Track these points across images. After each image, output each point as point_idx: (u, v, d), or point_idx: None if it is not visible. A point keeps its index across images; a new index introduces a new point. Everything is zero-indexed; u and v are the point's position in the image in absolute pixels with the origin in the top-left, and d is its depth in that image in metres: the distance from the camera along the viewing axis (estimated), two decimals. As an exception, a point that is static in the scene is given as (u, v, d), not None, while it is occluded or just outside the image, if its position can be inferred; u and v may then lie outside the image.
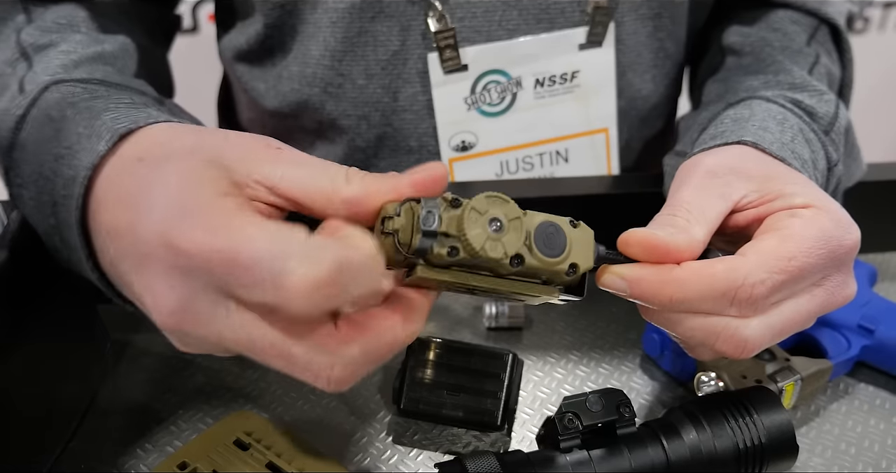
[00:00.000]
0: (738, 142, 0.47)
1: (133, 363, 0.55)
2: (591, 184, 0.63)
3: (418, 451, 0.49)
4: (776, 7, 0.65)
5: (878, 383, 0.56)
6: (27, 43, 0.51)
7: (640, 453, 0.41)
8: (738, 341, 0.39)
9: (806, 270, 0.39)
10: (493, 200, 0.35)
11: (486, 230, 0.34)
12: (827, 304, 0.42)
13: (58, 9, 0.54)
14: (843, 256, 0.41)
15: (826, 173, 0.52)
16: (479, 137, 0.65)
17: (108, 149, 0.38)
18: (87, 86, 0.45)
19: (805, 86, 0.55)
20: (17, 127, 0.44)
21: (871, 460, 0.50)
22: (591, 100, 0.66)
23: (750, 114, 0.51)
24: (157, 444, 0.49)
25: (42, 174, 0.41)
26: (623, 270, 0.39)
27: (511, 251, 0.35)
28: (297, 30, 0.62)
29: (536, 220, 0.36)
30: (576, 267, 0.37)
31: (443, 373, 0.48)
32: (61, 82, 0.45)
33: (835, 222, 0.41)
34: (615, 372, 0.56)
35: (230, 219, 0.32)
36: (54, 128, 0.41)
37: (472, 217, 0.34)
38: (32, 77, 0.47)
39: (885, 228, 0.68)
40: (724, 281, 0.37)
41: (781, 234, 0.40)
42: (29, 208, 0.43)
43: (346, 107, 0.64)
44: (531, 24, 0.62)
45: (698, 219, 0.40)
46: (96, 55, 0.50)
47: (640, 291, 0.38)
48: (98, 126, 0.39)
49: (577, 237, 0.37)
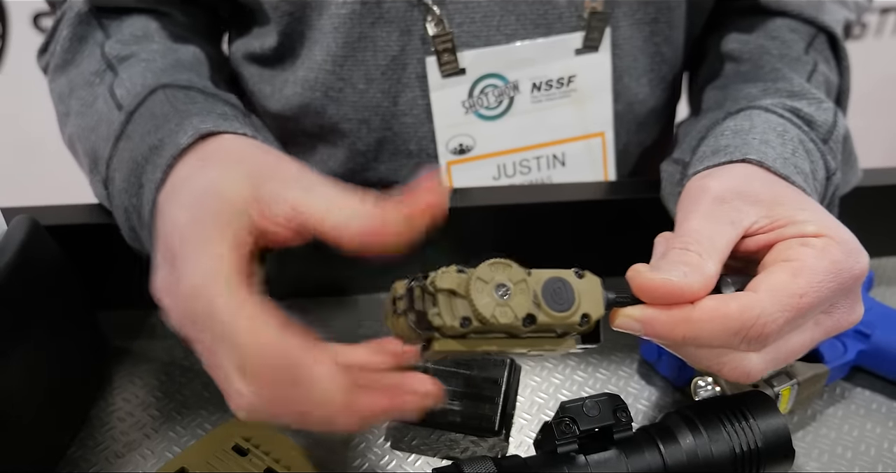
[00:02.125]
0: (742, 160, 0.47)
1: (132, 369, 0.55)
2: (588, 189, 0.63)
3: (416, 456, 0.49)
4: (774, 15, 0.65)
5: (874, 387, 0.56)
6: (111, 55, 0.56)
7: (637, 457, 0.41)
8: (742, 371, 0.40)
9: (815, 305, 0.39)
10: (496, 267, 0.36)
11: (493, 297, 0.35)
12: (831, 331, 0.42)
13: (132, 22, 0.59)
14: (852, 285, 0.41)
15: (824, 182, 0.52)
16: (476, 141, 0.65)
17: (189, 144, 0.44)
18: (189, 93, 0.50)
19: (804, 94, 0.56)
20: (127, 120, 0.49)
21: (867, 464, 0.50)
22: (587, 104, 0.66)
23: (750, 125, 0.51)
24: (156, 450, 0.49)
25: (136, 160, 0.46)
26: (636, 312, 0.39)
27: (521, 314, 0.35)
28: (305, 36, 0.63)
29: (543, 278, 0.37)
30: (588, 317, 0.37)
31: (441, 378, 0.48)
32: (167, 86, 0.51)
33: (846, 252, 0.40)
34: (613, 377, 0.56)
35: (216, 294, 0.36)
36: (154, 124, 0.47)
37: (478, 287, 0.35)
38: (121, 82, 0.52)
39: (880, 233, 0.68)
40: (738, 321, 0.38)
41: (793, 267, 0.39)
42: (116, 189, 0.48)
43: (346, 112, 0.65)
44: (529, 28, 0.62)
45: (710, 252, 0.40)
46: (176, 63, 0.55)
47: (654, 331, 0.39)
48: (186, 125, 0.45)
49: (584, 287, 0.38)
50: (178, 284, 0.37)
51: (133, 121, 0.49)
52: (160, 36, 0.58)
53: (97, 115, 0.52)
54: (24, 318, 0.44)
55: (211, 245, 0.37)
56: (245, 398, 0.35)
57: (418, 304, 0.36)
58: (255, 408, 0.35)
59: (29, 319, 0.44)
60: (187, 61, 0.56)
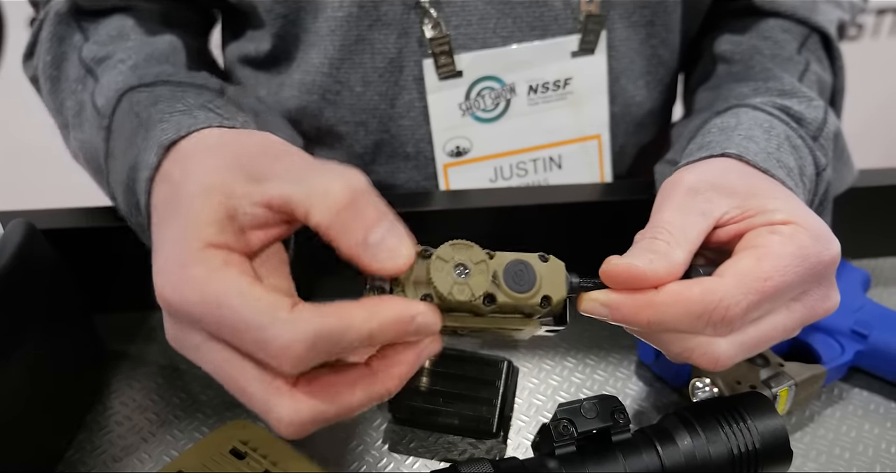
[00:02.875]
0: (722, 155, 0.48)
1: (130, 372, 0.55)
2: (584, 191, 0.63)
3: (414, 459, 0.49)
4: (767, 16, 0.65)
5: (871, 388, 0.56)
6: (88, 58, 0.55)
7: (634, 459, 0.41)
8: (711, 358, 0.40)
9: (781, 289, 0.40)
10: (457, 247, 0.37)
11: (451, 276, 0.36)
12: (806, 318, 0.42)
13: (108, 22, 0.58)
14: (822, 271, 0.41)
15: (814, 178, 0.52)
16: (473, 143, 0.65)
17: (158, 162, 0.42)
18: (152, 91, 0.49)
19: (794, 93, 0.56)
20: (107, 137, 0.49)
21: (865, 464, 0.50)
22: (583, 106, 0.66)
23: (736, 122, 0.52)
24: (154, 453, 0.49)
25: (126, 183, 0.45)
26: (601, 297, 0.39)
27: (478, 292, 0.36)
28: (300, 39, 0.63)
29: (505, 260, 0.38)
30: (549, 299, 0.38)
31: (438, 381, 0.48)
32: (130, 90, 0.49)
33: (814, 238, 0.41)
34: (610, 379, 0.56)
35: (214, 283, 0.35)
36: (127, 140, 0.46)
37: (437, 265, 0.36)
38: (100, 89, 0.51)
39: (877, 234, 0.68)
40: (700, 305, 0.38)
41: (758, 253, 0.40)
42: (123, 209, 0.48)
43: (343, 114, 0.65)
44: (525, 31, 0.62)
45: (679, 241, 0.40)
46: (149, 56, 0.54)
47: (619, 316, 0.39)
48: (151, 138, 0.43)
49: (547, 271, 0.39)
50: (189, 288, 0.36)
51: (112, 138, 0.49)
52: (136, 33, 0.57)
53: (89, 130, 0.52)
54: (20, 322, 0.44)
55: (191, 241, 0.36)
56: (291, 408, 0.35)
57: (383, 283, 0.37)
58: (299, 419, 0.35)
59: (25, 323, 0.44)
60: (161, 52, 0.55)
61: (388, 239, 0.35)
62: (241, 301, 0.34)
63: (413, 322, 0.35)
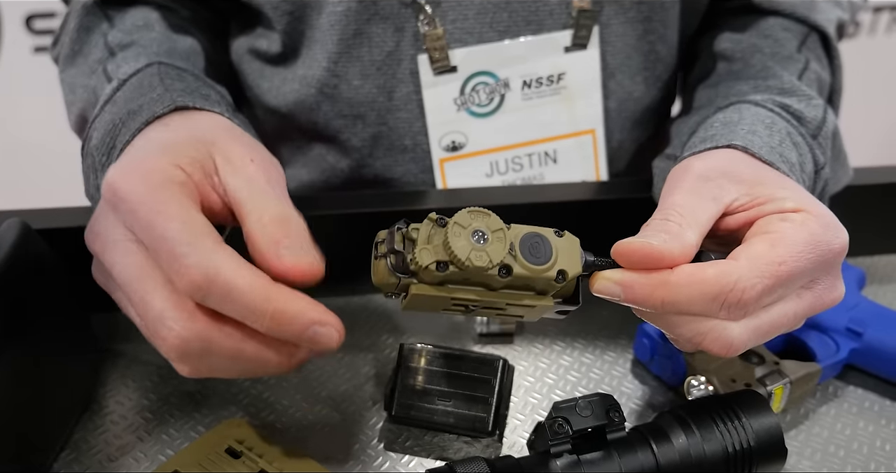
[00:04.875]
0: (728, 146, 0.48)
1: (125, 371, 0.55)
2: (580, 189, 0.63)
3: (410, 457, 0.49)
4: (767, 14, 0.65)
5: (866, 386, 0.56)
6: (113, 43, 0.58)
7: (629, 457, 0.42)
8: (725, 342, 0.40)
9: (795, 274, 0.40)
10: (475, 214, 0.37)
11: (469, 242, 0.36)
12: (815, 306, 0.42)
13: (134, 12, 0.61)
14: (831, 259, 0.41)
15: (813, 176, 0.52)
16: (468, 137, 0.66)
17: (163, 113, 0.46)
18: (181, 73, 0.53)
19: (794, 91, 0.56)
20: (118, 87, 0.52)
21: (859, 462, 0.50)
22: (577, 101, 0.66)
23: (739, 117, 0.52)
24: (149, 453, 0.49)
25: (114, 122, 0.48)
26: (616, 275, 0.39)
27: (496, 259, 0.36)
28: (305, 35, 0.64)
29: (521, 232, 0.38)
30: (564, 274, 0.38)
31: (434, 380, 0.48)
32: (163, 64, 0.53)
33: (824, 226, 0.41)
34: (606, 377, 0.56)
35: (164, 188, 0.38)
36: (139, 92, 0.49)
37: (455, 231, 0.36)
38: (114, 61, 0.56)
39: (872, 232, 0.68)
40: (716, 286, 0.38)
41: (772, 238, 0.40)
42: (91, 147, 0.50)
43: (341, 108, 0.65)
44: (521, 26, 0.62)
45: (690, 223, 0.41)
46: (171, 50, 0.57)
47: (633, 296, 0.39)
48: (166, 97, 0.47)
49: (563, 245, 0.38)
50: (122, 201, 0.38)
51: (122, 89, 0.51)
52: (160, 26, 0.60)
53: (94, 93, 0.55)
54: (15, 321, 0.44)
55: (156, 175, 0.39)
56: (177, 325, 0.37)
57: (398, 246, 0.37)
58: (189, 336, 0.37)
59: (20, 322, 0.44)
60: (183, 50, 0.58)
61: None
62: (179, 213, 0.37)
63: (310, 329, 0.37)
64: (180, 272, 0.36)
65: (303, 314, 0.37)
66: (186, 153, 0.41)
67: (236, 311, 0.37)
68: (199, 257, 0.36)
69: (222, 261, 0.36)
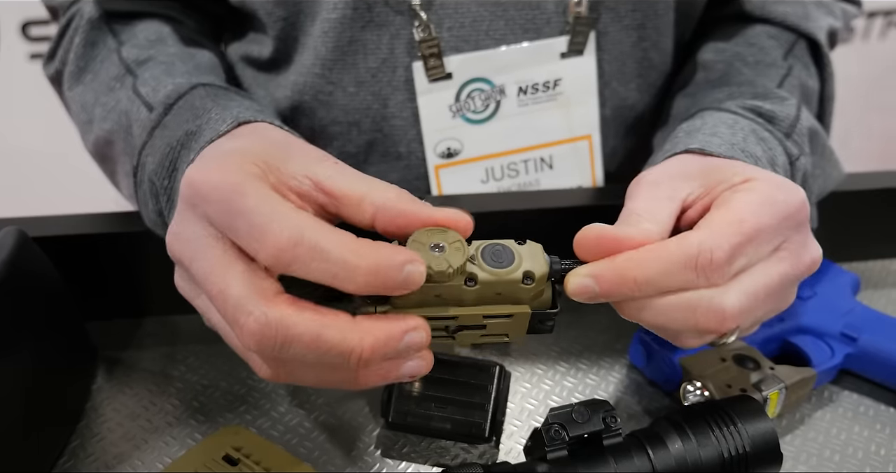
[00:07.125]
0: (684, 151, 0.49)
1: (122, 379, 0.55)
2: (575, 196, 0.63)
3: (407, 464, 0.50)
4: (755, 22, 0.66)
5: (861, 391, 0.56)
6: (129, 59, 0.58)
7: (626, 463, 0.42)
8: (717, 311, 0.40)
9: (761, 230, 0.40)
10: (432, 231, 0.38)
11: (428, 253, 0.37)
12: (795, 267, 0.43)
13: (144, 27, 0.61)
14: (794, 215, 0.42)
15: (788, 167, 0.53)
16: (464, 144, 0.66)
17: (227, 130, 0.46)
18: (227, 92, 0.54)
19: (766, 95, 0.57)
20: (165, 112, 0.52)
21: (854, 467, 0.50)
22: (573, 107, 0.66)
23: (702, 123, 0.53)
24: (147, 460, 0.49)
25: (171, 145, 0.49)
26: (584, 269, 0.40)
27: (455, 263, 0.37)
28: (298, 41, 0.64)
29: (481, 244, 0.39)
30: (531, 275, 0.39)
31: (430, 386, 0.48)
32: (207, 85, 0.54)
33: (775, 186, 0.42)
34: (602, 383, 0.56)
35: (240, 173, 0.38)
36: (193, 114, 0.50)
37: (413, 247, 0.37)
38: (144, 81, 0.55)
39: (866, 237, 0.68)
40: (680, 251, 0.39)
41: (727, 205, 0.41)
42: (147, 173, 0.50)
43: (336, 115, 0.65)
44: (517, 33, 0.63)
45: (650, 220, 0.42)
46: (196, 66, 0.58)
47: (606, 284, 0.39)
48: (226, 115, 0.48)
49: (525, 251, 0.39)
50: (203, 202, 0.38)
51: (171, 113, 0.51)
52: (173, 40, 0.60)
53: (125, 116, 0.54)
54: (12, 329, 0.44)
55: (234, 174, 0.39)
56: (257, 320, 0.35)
57: None
58: (268, 320, 0.35)
59: (17, 330, 0.44)
60: (206, 65, 0.59)
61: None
62: (255, 190, 0.37)
63: (404, 269, 0.36)
64: (262, 239, 0.35)
65: (392, 256, 0.36)
66: (260, 155, 0.40)
67: (326, 270, 0.35)
68: (281, 222, 0.35)
69: (304, 223, 0.36)
